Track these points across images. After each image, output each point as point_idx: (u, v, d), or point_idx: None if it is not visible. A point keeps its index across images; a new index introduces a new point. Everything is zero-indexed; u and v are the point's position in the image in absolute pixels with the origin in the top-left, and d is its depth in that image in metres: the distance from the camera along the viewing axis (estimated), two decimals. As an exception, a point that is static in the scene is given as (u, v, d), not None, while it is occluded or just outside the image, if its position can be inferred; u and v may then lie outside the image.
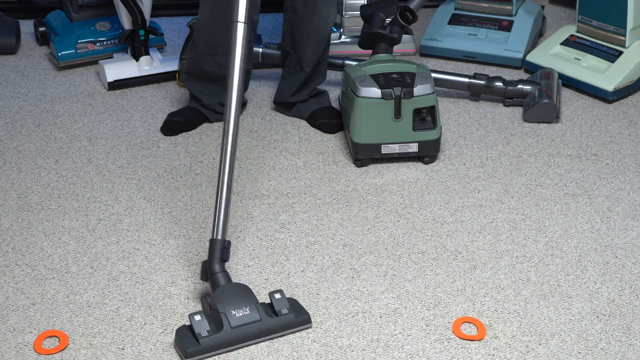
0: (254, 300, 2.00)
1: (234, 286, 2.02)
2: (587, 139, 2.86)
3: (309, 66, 2.90)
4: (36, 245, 2.33)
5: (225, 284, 2.02)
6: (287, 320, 1.99)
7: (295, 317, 2.00)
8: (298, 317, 2.01)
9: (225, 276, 2.05)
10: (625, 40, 3.15)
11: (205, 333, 1.93)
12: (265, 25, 3.79)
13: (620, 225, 2.41)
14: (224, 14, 2.75)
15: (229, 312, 1.96)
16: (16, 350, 1.95)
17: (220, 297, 1.98)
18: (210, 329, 1.94)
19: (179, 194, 2.57)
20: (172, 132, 2.90)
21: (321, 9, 2.82)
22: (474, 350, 1.95)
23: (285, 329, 1.99)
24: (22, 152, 2.80)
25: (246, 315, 1.96)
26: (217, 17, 2.76)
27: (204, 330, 1.93)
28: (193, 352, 1.91)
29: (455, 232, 2.38)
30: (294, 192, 2.58)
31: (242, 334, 1.95)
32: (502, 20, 3.49)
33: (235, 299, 1.98)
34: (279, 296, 2.02)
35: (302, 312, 2.03)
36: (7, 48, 3.52)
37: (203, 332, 1.93)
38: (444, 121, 2.97)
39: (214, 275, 2.04)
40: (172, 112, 2.96)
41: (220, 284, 2.02)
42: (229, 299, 1.98)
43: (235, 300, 1.98)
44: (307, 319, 2.02)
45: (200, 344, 1.91)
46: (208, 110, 2.94)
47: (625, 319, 2.04)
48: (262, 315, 1.97)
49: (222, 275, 2.04)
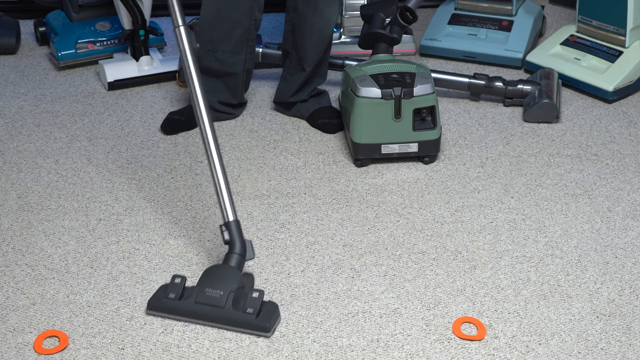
0: (231, 288, 2.02)
1: (226, 268, 2.07)
2: (587, 139, 2.86)
3: (310, 66, 2.90)
4: (36, 245, 2.33)
5: (224, 264, 2.08)
6: (244, 319, 1.99)
7: (254, 320, 1.98)
8: (256, 322, 1.98)
9: (236, 259, 2.09)
10: (625, 40, 3.15)
11: (172, 296, 2.03)
12: (265, 25, 3.79)
13: (620, 225, 2.41)
14: (224, 12, 2.76)
15: (203, 289, 2.03)
16: (16, 350, 1.95)
17: (208, 273, 2.06)
18: (180, 294, 2.04)
19: (179, 194, 2.57)
20: (171, 130, 2.90)
21: (323, 9, 2.82)
22: (474, 350, 1.95)
23: (239, 326, 2.00)
24: (22, 152, 2.80)
25: (214, 297, 2.01)
26: (218, 16, 2.77)
27: (173, 293, 2.04)
28: (153, 306, 2.05)
29: (455, 232, 2.38)
30: (294, 192, 2.58)
31: (199, 311, 2.01)
32: (502, 20, 3.49)
33: (218, 280, 2.04)
34: (256, 295, 2.02)
35: (266, 319, 1.99)
36: (7, 48, 3.52)
37: (171, 294, 2.04)
38: (444, 121, 2.97)
39: (228, 254, 2.10)
40: (173, 112, 2.96)
41: (225, 261, 2.09)
42: (213, 277, 2.05)
43: (217, 280, 2.04)
44: (265, 327, 1.98)
45: (161, 303, 2.04)
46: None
47: (625, 319, 2.04)
48: (226, 304, 2.01)
49: (233, 257, 2.09)
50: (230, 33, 2.79)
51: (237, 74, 2.88)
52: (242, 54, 2.85)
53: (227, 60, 2.83)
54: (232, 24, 2.78)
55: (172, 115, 2.94)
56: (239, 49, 2.84)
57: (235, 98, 2.95)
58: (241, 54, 2.85)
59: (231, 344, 1.97)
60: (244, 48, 2.84)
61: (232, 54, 2.83)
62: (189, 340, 1.98)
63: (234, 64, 2.85)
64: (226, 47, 2.81)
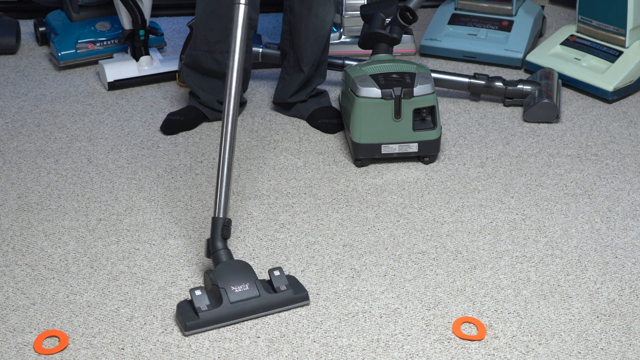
0: (253, 276, 2.07)
1: (235, 263, 2.09)
2: (587, 139, 2.86)
3: (307, 66, 2.90)
4: (36, 245, 2.33)
5: (227, 261, 2.09)
6: (285, 297, 2.06)
7: (294, 294, 2.07)
8: (296, 294, 2.08)
9: (227, 253, 2.12)
10: (625, 40, 3.15)
11: (205, 307, 2.00)
12: (265, 26, 3.79)
13: (620, 225, 2.41)
14: (219, 11, 2.75)
15: (229, 288, 2.03)
16: (16, 350, 1.95)
17: (221, 273, 2.05)
18: (210, 303, 2.01)
19: (179, 194, 2.57)
20: (171, 130, 2.90)
21: (317, 9, 2.81)
22: (474, 350, 1.95)
23: (283, 305, 2.06)
24: (22, 152, 2.80)
25: (245, 290, 2.03)
26: (213, 15, 2.76)
27: (203, 304, 2.00)
28: (192, 325, 1.99)
29: (455, 232, 2.38)
30: (294, 192, 2.58)
31: (240, 309, 2.02)
32: (502, 20, 3.49)
33: (235, 275, 2.06)
34: (278, 273, 2.09)
35: (300, 289, 2.10)
36: (7, 48, 3.52)
37: (203, 307, 2.00)
38: (444, 121, 2.97)
39: (216, 252, 2.12)
40: (172, 112, 2.96)
41: (222, 260, 2.10)
42: (229, 275, 2.05)
43: (235, 276, 2.05)
44: (305, 295, 2.08)
45: (199, 318, 1.99)
46: (206, 108, 2.94)
47: (625, 319, 2.04)
48: (260, 292, 2.04)
49: (224, 252, 2.12)
50: (225, 33, 2.78)
51: None
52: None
53: (224, 60, 2.83)
54: (226, 24, 2.77)
55: (172, 115, 2.94)
56: None
57: None
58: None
59: (231, 344, 1.97)
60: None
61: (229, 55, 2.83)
62: (189, 340, 1.98)
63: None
64: (222, 48, 2.81)
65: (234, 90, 2.23)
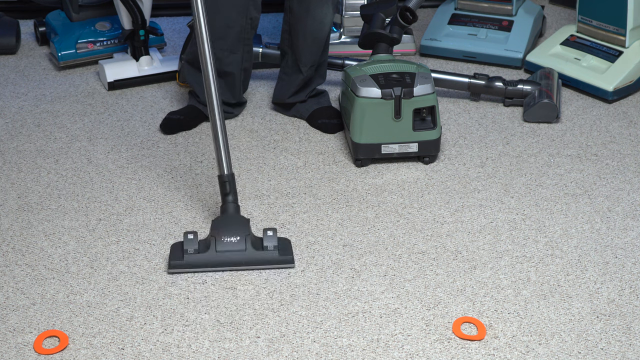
0: (246, 231, 2.18)
1: (234, 217, 2.20)
2: (587, 139, 2.86)
3: (306, 67, 2.90)
4: (36, 245, 2.33)
5: (228, 213, 2.19)
6: (269, 256, 2.16)
7: (279, 255, 2.15)
8: (281, 256, 2.16)
9: (234, 207, 2.22)
10: (625, 40, 3.15)
11: (192, 251, 2.14)
12: (265, 26, 3.79)
13: (620, 225, 2.41)
14: (220, 8, 2.75)
15: (219, 238, 2.15)
16: (16, 350, 1.95)
17: (217, 224, 2.18)
18: (198, 248, 2.15)
19: (179, 194, 2.57)
20: (170, 130, 2.90)
21: (314, 10, 2.81)
22: (474, 350, 1.95)
23: (265, 263, 2.16)
24: (22, 152, 2.80)
25: (233, 243, 2.15)
26: (214, 12, 2.76)
27: (191, 248, 2.14)
28: (175, 265, 2.15)
29: (455, 232, 2.38)
30: (294, 192, 2.58)
31: (224, 259, 2.14)
32: (502, 20, 3.49)
33: (229, 227, 2.17)
34: (271, 233, 2.19)
35: (287, 252, 2.19)
36: (7, 48, 3.52)
37: (190, 250, 2.14)
38: (444, 121, 2.97)
39: (224, 204, 2.24)
40: (172, 111, 2.96)
41: (225, 212, 2.22)
42: (224, 226, 2.17)
43: (228, 228, 2.17)
44: (289, 259, 2.17)
45: (183, 260, 2.15)
46: (205, 107, 2.94)
47: (625, 319, 2.04)
48: (247, 247, 2.15)
49: (231, 206, 2.23)
50: (226, 32, 2.78)
51: (234, 74, 2.88)
52: (238, 52, 2.85)
53: (224, 59, 2.83)
54: (227, 23, 2.77)
55: (172, 115, 2.94)
56: (236, 48, 2.83)
57: (234, 97, 2.95)
58: (238, 53, 2.85)
59: (231, 344, 1.97)
60: (240, 47, 2.84)
61: (229, 53, 2.83)
62: (189, 340, 1.98)
63: (231, 63, 2.85)
64: (222, 46, 2.80)
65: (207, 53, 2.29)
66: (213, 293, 2.14)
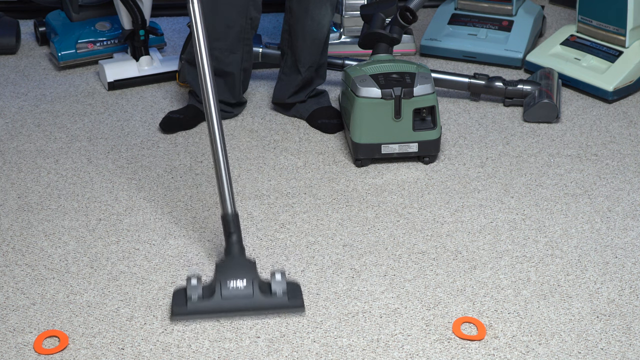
0: (252, 275, 2.04)
1: (239, 259, 2.07)
2: (587, 139, 2.86)
3: (305, 67, 2.90)
4: (36, 245, 2.33)
5: (232, 255, 2.07)
6: (278, 302, 2.02)
7: (288, 301, 2.03)
8: (291, 302, 2.03)
9: (239, 248, 2.09)
10: (625, 40, 3.15)
11: (196, 298, 2.00)
12: (265, 26, 3.79)
13: (620, 225, 2.41)
14: (219, 8, 2.75)
15: (224, 282, 2.01)
16: (16, 350, 1.95)
17: (222, 267, 2.04)
18: (202, 294, 2.00)
19: (179, 194, 2.57)
20: (170, 129, 2.90)
21: (313, 11, 2.81)
22: (474, 350, 1.95)
23: (274, 309, 2.03)
24: (22, 152, 2.80)
25: (240, 288, 2.01)
26: (213, 14, 2.76)
27: (195, 294, 2.00)
28: (178, 312, 2.01)
29: (455, 232, 2.38)
30: (294, 192, 2.58)
31: (230, 305, 2.00)
32: (502, 20, 3.49)
33: (235, 271, 2.03)
34: (279, 277, 2.04)
35: (297, 297, 2.05)
36: (7, 48, 3.52)
37: (194, 296, 2.00)
38: (444, 121, 2.97)
39: (229, 246, 2.10)
40: (172, 111, 2.96)
41: (230, 254, 2.08)
42: (229, 269, 2.03)
43: (234, 272, 2.03)
44: (299, 304, 2.04)
45: (187, 307, 2.00)
46: None
47: (625, 319, 2.04)
48: (255, 292, 2.01)
49: (236, 247, 2.09)
50: (226, 31, 2.78)
51: (234, 73, 2.88)
52: (238, 52, 2.85)
53: (224, 59, 2.83)
54: (227, 22, 2.77)
55: (171, 114, 2.94)
56: (236, 48, 2.83)
57: (234, 97, 2.95)
58: (237, 53, 2.85)
59: (231, 344, 1.97)
60: (240, 47, 2.84)
61: (229, 53, 2.83)
62: (189, 340, 1.98)
63: (231, 63, 2.85)
64: (222, 46, 2.80)
65: (208, 76, 2.15)
66: (213, 293, 2.14)
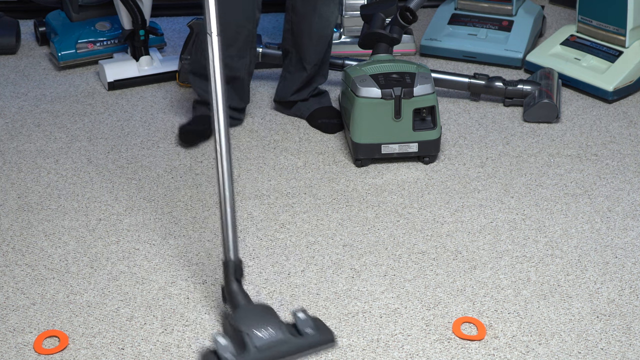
0: (276, 319, 1.93)
1: (255, 306, 1.97)
2: (587, 139, 2.86)
3: (310, 65, 2.90)
4: (36, 245, 2.33)
5: (246, 304, 1.97)
6: (312, 341, 1.93)
7: (320, 337, 1.94)
8: (322, 337, 1.95)
9: (245, 296, 2.00)
10: (625, 40, 3.15)
11: (231, 356, 1.85)
12: (265, 26, 3.79)
13: (620, 225, 2.41)
14: (228, 17, 2.73)
15: (252, 332, 1.88)
16: (16, 350, 1.95)
17: (242, 317, 1.92)
18: (234, 351, 1.86)
19: (179, 194, 2.57)
20: (191, 142, 2.82)
21: (321, 8, 2.81)
22: (474, 350, 1.95)
23: (310, 348, 1.93)
24: (22, 152, 2.80)
25: (270, 335, 1.89)
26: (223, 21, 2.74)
27: (228, 353, 1.85)
28: None
29: (455, 232, 2.38)
30: (294, 192, 2.58)
31: (267, 354, 1.87)
32: (502, 20, 3.49)
33: (258, 318, 1.92)
34: (303, 316, 1.95)
35: (326, 331, 1.97)
36: (7, 48, 3.52)
37: (228, 356, 1.85)
38: (444, 121, 2.97)
39: (234, 296, 2.00)
40: (184, 124, 2.88)
41: (240, 303, 1.97)
42: (251, 318, 1.92)
43: (257, 320, 1.92)
44: (331, 338, 1.96)
45: None
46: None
47: (625, 319, 2.04)
48: (286, 335, 1.90)
49: (241, 296, 2.00)
50: (235, 37, 2.77)
51: (242, 78, 2.86)
52: (246, 57, 2.83)
53: (234, 64, 2.80)
54: (236, 28, 2.76)
55: (188, 126, 2.86)
56: (244, 53, 2.82)
57: (243, 101, 2.94)
58: (246, 57, 2.83)
59: (231, 344, 1.97)
60: (248, 51, 2.82)
61: (238, 58, 2.81)
62: (189, 340, 1.98)
63: (240, 67, 2.83)
64: (232, 52, 2.78)
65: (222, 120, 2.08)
66: (213, 293, 2.14)
